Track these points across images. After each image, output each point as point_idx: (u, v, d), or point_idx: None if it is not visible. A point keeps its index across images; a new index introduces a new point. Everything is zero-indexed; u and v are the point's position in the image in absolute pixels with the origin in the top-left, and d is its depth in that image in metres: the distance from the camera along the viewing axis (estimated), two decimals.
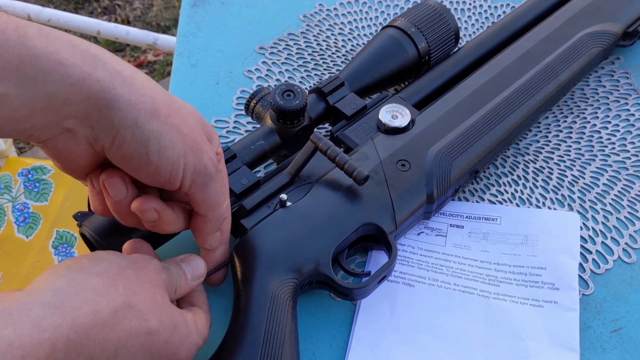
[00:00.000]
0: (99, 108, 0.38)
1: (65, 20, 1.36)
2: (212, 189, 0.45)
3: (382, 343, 0.52)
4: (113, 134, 0.39)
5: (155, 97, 0.40)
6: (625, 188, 0.63)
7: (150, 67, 1.98)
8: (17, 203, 1.02)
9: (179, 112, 0.42)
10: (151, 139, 0.40)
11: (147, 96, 0.40)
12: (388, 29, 0.64)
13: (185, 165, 0.42)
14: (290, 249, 0.51)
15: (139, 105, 0.39)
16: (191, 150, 0.42)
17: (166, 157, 0.41)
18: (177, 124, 0.41)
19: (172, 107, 0.42)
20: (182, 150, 0.41)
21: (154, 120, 0.40)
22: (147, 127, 0.40)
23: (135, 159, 0.41)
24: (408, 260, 0.57)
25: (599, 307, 0.55)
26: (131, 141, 0.40)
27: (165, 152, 0.41)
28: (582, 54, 0.65)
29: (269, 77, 0.72)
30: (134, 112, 0.39)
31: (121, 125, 0.39)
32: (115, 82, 0.39)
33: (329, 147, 0.52)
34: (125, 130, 0.39)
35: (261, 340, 0.46)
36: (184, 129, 0.42)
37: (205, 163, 0.43)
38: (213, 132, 0.47)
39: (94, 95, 0.38)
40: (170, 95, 0.43)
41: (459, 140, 0.58)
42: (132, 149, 0.40)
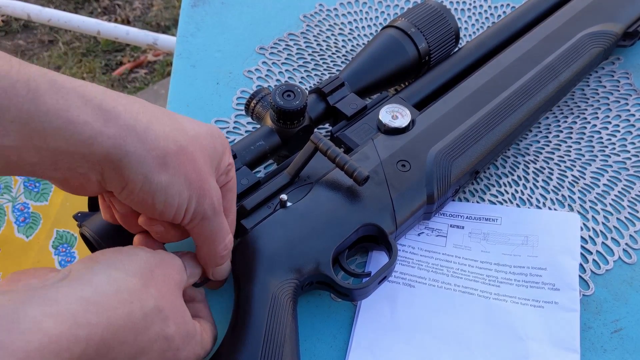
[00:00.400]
0: (109, 162, 0.39)
1: (65, 20, 1.36)
2: (208, 228, 0.45)
3: (382, 343, 0.52)
4: (122, 185, 0.40)
5: (167, 148, 0.40)
6: (626, 188, 0.63)
7: (150, 67, 1.98)
8: (17, 203, 1.02)
9: (191, 157, 0.42)
10: (158, 191, 0.41)
11: (159, 149, 0.40)
12: (388, 29, 0.64)
13: (187, 209, 0.43)
14: (290, 249, 0.51)
15: (149, 160, 0.39)
16: (195, 196, 0.43)
17: (171, 205, 0.42)
18: (187, 172, 0.42)
19: (184, 154, 0.42)
20: (187, 197, 0.42)
21: (162, 173, 0.40)
22: (156, 180, 0.40)
23: (141, 205, 0.42)
24: (408, 260, 0.57)
25: (600, 307, 0.55)
26: (139, 192, 0.40)
27: (170, 201, 0.41)
28: (582, 54, 0.65)
29: (269, 78, 0.72)
30: (144, 167, 0.39)
31: (130, 179, 0.39)
32: (127, 139, 0.39)
33: (329, 148, 0.52)
34: (134, 183, 0.40)
35: (261, 340, 0.46)
36: (192, 175, 0.42)
37: (205, 209, 0.44)
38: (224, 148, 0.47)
39: (104, 152, 0.38)
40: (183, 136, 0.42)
41: (459, 140, 0.58)
42: (139, 198, 0.41)
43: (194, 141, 0.43)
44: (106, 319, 0.36)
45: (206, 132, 0.45)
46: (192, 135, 0.43)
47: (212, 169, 0.45)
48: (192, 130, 0.44)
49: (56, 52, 1.98)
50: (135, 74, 1.96)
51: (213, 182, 0.44)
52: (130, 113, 0.40)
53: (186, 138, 0.42)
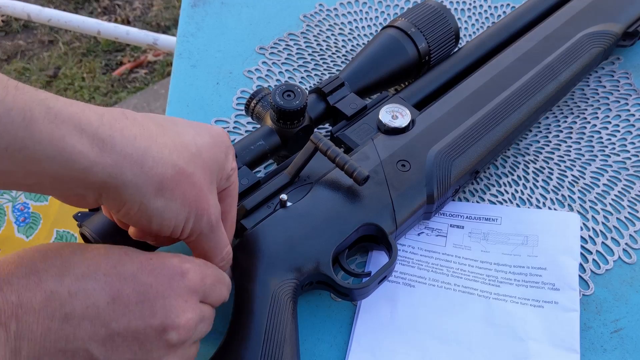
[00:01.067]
0: (106, 188, 0.39)
1: (66, 20, 1.36)
2: (205, 245, 0.45)
3: (382, 343, 0.52)
4: (119, 207, 0.40)
5: (164, 174, 0.40)
6: (626, 188, 0.63)
7: (150, 67, 1.98)
8: (17, 203, 1.02)
9: (189, 178, 0.42)
10: (155, 215, 0.40)
11: (156, 176, 0.40)
12: (388, 29, 0.64)
13: (184, 227, 0.43)
14: (290, 249, 0.51)
15: (146, 186, 0.39)
16: (193, 216, 0.42)
17: (167, 226, 0.42)
18: (184, 194, 0.41)
19: (182, 176, 0.41)
20: (184, 217, 0.42)
21: (159, 198, 0.40)
22: (152, 205, 0.40)
23: (138, 225, 0.42)
24: (408, 260, 0.57)
25: (600, 307, 0.55)
26: (136, 214, 0.40)
27: (167, 222, 0.41)
28: (582, 54, 0.65)
29: (269, 78, 0.72)
30: (140, 194, 0.39)
31: (127, 203, 0.39)
32: (124, 167, 0.38)
33: (329, 148, 0.52)
34: (131, 208, 0.40)
35: (262, 340, 0.46)
36: (190, 196, 0.42)
37: (202, 227, 0.43)
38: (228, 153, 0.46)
39: (100, 180, 0.38)
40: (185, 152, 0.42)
41: (459, 140, 0.58)
42: (135, 219, 0.41)
43: (195, 158, 0.42)
44: None
45: (208, 144, 0.44)
46: (193, 152, 0.42)
47: (212, 184, 0.44)
48: (193, 146, 0.43)
49: (56, 52, 1.98)
50: (135, 74, 1.96)
51: (212, 199, 0.44)
52: (128, 139, 0.39)
53: (186, 157, 0.42)
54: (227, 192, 0.48)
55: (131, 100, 1.87)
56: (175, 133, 0.43)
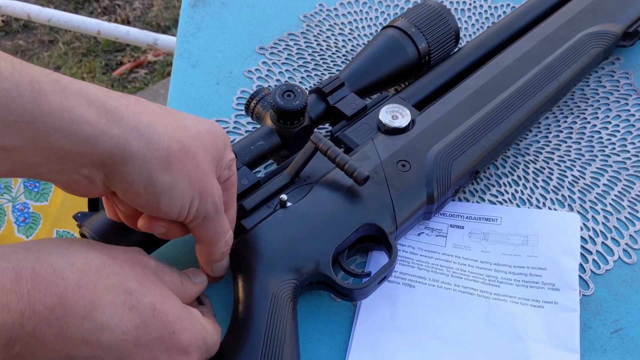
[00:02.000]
0: (113, 162, 0.39)
1: (65, 20, 1.36)
2: (211, 228, 0.46)
3: (382, 344, 0.52)
4: (127, 185, 0.40)
5: (170, 148, 0.40)
6: (626, 188, 0.63)
7: (150, 67, 1.98)
8: (17, 203, 1.02)
9: (194, 157, 0.42)
10: (163, 192, 0.41)
11: (162, 149, 0.40)
12: (388, 29, 0.64)
13: (190, 209, 0.43)
14: (290, 249, 0.51)
15: (153, 160, 0.39)
16: (198, 196, 0.43)
17: (175, 205, 0.42)
18: (189, 172, 0.42)
19: (187, 154, 0.42)
20: (190, 197, 0.42)
21: (167, 174, 0.40)
22: (160, 180, 0.40)
23: (146, 206, 0.42)
24: (408, 260, 0.57)
25: (600, 307, 0.55)
26: (144, 193, 0.40)
27: (175, 202, 0.42)
28: (582, 55, 0.65)
29: (269, 78, 0.72)
30: (148, 167, 0.39)
31: (135, 180, 0.39)
32: (130, 139, 0.38)
33: (329, 148, 0.52)
34: (139, 184, 0.40)
35: (262, 340, 0.46)
36: (195, 175, 0.42)
37: (207, 208, 0.44)
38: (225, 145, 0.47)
39: (107, 152, 0.38)
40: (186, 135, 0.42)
41: (459, 140, 0.58)
42: (144, 199, 0.41)
43: (196, 140, 0.43)
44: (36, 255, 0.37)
45: (207, 130, 0.45)
46: (194, 134, 0.43)
47: (214, 168, 0.45)
48: (194, 129, 0.44)
49: (56, 52, 1.98)
50: (135, 74, 1.96)
51: (214, 181, 0.45)
52: (133, 113, 0.40)
53: (188, 137, 0.42)
54: (229, 181, 0.48)
55: None
56: (177, 117, 0.43)
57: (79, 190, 0.41)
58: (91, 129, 0.37)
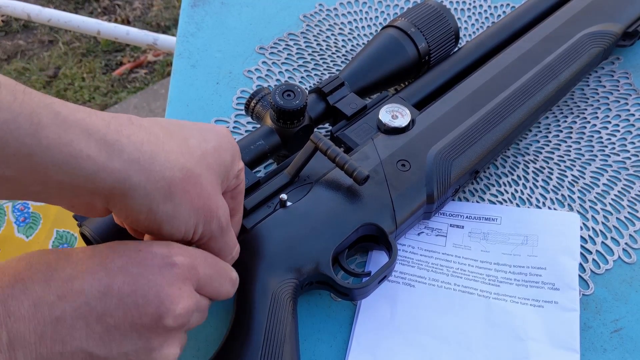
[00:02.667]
0: (112, 195, 0.38)
1: (65, 20, 1.36)
2: (217, 245, 0.45)
3: (382, 343, 0.52)
4: (127, 214, 0.40)
5: (173, 178, 0.40)
6: (625, 188, 0.63)
7: (150, 67, 1.98)
8: (17, 203, 1.02)
9: (197, 181, 0.41)
10: (164, 221, 0.40)
11: (164, 180, 0.39)
12: (388, 29, 0.64)
13: (194, 233, 0.43)
14: (290, 249, 0.51)
15: (154, 192, 0.39)
16: (202, 220, 0.42)
17: (178, 231, 0.41)
18: (192, 199, 0.41)
19: (190, 180, 0.41)
20: (194, 223, 0.42)
21: (168, 203, 0.40)
22: (162, 210, 0.40)
23: (148, 232, 0.42)
24: (408, 260, 0.57)
25: (599, 307, 0.55)
26: (145, 221, 0.40)
27: (177, 229, 0.41)
28: (582, 54, 0.65)
29: (269, 77, 0.72)
30: (149, 199, 0.39)
31: (135, 210, 0.39)
32: (132, 172, 0.38)
33: (329, 147, 0.52)
34: (139, 213, 0.39)
35: (262, 339, 0.46)
36: (199, 201, 0.42)
37: (212, 229, 0.43)
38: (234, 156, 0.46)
39: (108, 186, 0.38)
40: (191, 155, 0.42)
41: (459, 140, 0.58)
42: (144, 226, 0.41)
43: (201, 161, 0.42)
44: None
45: (214, 148, 0.44)
46: (199, 155, 0.42)
47: (219, 186, 0.44)
48: (198, 149, 0.43)
49: (56, 52, 1.98)
50: (135, 74, 1.96)
51: (219, 201, 0.44)
52: (135, 144, 0.39)
53: (192, 160, 0.42)
54: (238, 189, 0.48)
55: (131, 100, 1.87)
56: (182, 138, 0.42)
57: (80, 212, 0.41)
58: (91, 164, 0.37)
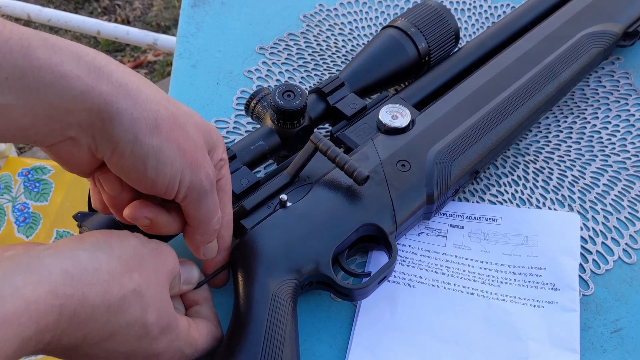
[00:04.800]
0: (101, 120, 0.38)
1: (65, 20, 1.36)
2: (205, 205, 0.45)
3: (382, 343, 0.52)
4: (113, 146, 0.39)
5: (158, 112, 0.40)
6: (626, 188, 0.63)
7: (150, 67, 1.98)
8: (17, 203, 1.02)
9: (183, 127, 0.42)
10: (150, 155, 0.40)
11: (150, 111, 0.40)
12: (388, 29, 0.64)
13: (181, 181, 0.42)
14: (290, 249, 0.51)
15: (141, 120, 0.39)
16: (189, 167, 0.42)
17: (163, 173, 0.41)
18: (179, 140, 0.41)
19: (176, 122, 0.41)
20: (180, 167, 0.41)
21: (154, 136, 0.40)
22: (147, 142, 0.40)
23: (133, 172, 0.41)
24: (408, 260, 0.57)
25: (599, 307, 0.55)
26: (130, 155, 0.40)
27: (162, 168, 0.41)
28: (582, 54, 0.65)
29: (269, 78, 0.72)
30: (135, 127, 0.39)
31: (121, 139, 0.39)
32: (119, 96, 0.38)
33: (329, 148, 0.52)
34: (125, 144, 0.39)
35: (262, 340, 0.46)
36: (185, 145, 0.42)
37: (201, 180, 0.43)
38: (218, 140, 0.47)
39: (96, 108, 0.38)
40: (176, 107, 0.42)
41: (459, 140, 0.58)
42: (130, 162, 0.40)
43: (187, 115, 0.43)
44: (82, 294, 0.37)
45: (199, 117, 0.45)
46: (184, 110, 0.43)
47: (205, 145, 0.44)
48: (185, 107, 0.44)
49: None
50: None
51: (207, 156, 0.44)
52: (122, 73, 0.39)
53: (178, 110, 0.42)
54: (219, 185, 0.47)
55: None
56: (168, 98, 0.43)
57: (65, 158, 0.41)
58: (80, 84, 0.37)
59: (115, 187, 0.44)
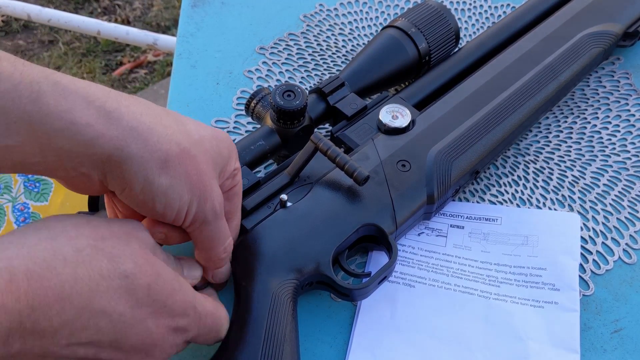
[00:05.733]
0: (111, 163, 0.39)
1: (66, 20, 1.36)
2: (208, 233, 0.45)
3: (382, 343, 0.52)
4: (123, 186, 0.40)
5: (169, 151, 0.41)
6: (626, 188, 0.63)
7: (150, 67, 1.98)
8: (17, 203, 1.02)
9: (194, 159, 0.42)
10: (159, 194, 0.41)
11: (161, 152, 0.40)
12: (388, 29, 0.64)
13: (188, 211, 0.43)
14: (290, 249, 0.51)
15: (150, 162, 0.40)
16: (197, 199, 0.43)
17: (171, 207, 0.42)
18: (188, 173, 0.42)
19: (187, 156, 0.42)
20: (188, 200, 0.42)
21: (163, 175, 0.40)
22: (157, 182, 0.40)
23: (142, 206, 0.42)
24: (408, 260, 0.57)
25: (600, 307, 0.55)
26: (140, 194, 0.40)
27: (171, 203, 0.42)
28: (582, 55, 0.65)
29: (269, 78, 0.72)
30: (146, 168, 0.40)
31: (131, 181, 0.40)
32: (129, 140, 0.39)
33: (329, 148, 0.52)
34: (135, 184, 0.40)
35: (261, 340, 0.46)
36: (194, 177, 0.42)
37: (205, 212, 0.44)
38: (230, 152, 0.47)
39: (107, 153, 0.38)
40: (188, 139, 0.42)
41: (459, 140, 0.58)
42: (140, 199, 0.41)
43: (198, 144, 0.43)
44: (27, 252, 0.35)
45: (211, 136, 0.45)
46: (195, 139, 0.43)
47: (216, 173, 0.45)
48: (196, 134, 0.44)
49: (56, 52, 1.98)
50: (135, 74, 1.96)
51: (215, 186, 0.44)
52: (133, 114, 0.40)
53: (189, 141, 0.43)
54: (233, 191, 0.48)
55: None
56: (180, 121, 0.43)
57: (76, 187, 0.42)
58: (90, 131, 0.37)
59: (128, 210, 0.45)
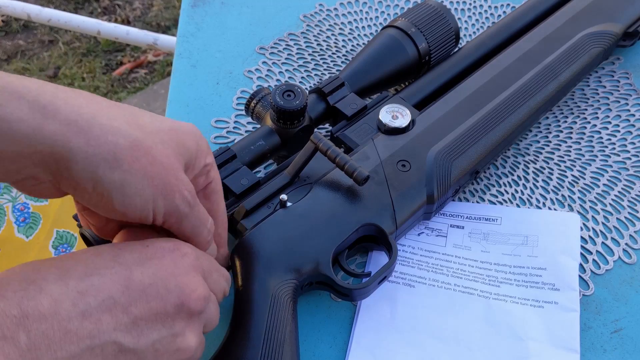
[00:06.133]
0: (54, 160, 0.36)
1: (65, 20, 1.36)
2: (187, 224, 0.43)
3: (382, 343, 0.52)
4: (74, 185, 0.38)
5: (117, 144, 0.37)
6: (626, 188, 0.63)
7: (150, 67, 1.98)
8: (17, 203, 1.02)
9: (149, 151, 0.39)
10: (113, 190, 0.38)
11: (107, 144, 0.37)
12: (388, 29, 0.64)
13: (155, 208, 0.40)
14: (290, 249, 0.51)
15: (97, 156, 0.37)
16: (161, 193, 0.40)
17: (132, 205, 0.39)
18: (145, 168, 0.38)
19: (140, 149, 0.39)
20: (150, 195, 0.39)
21: (115, 171, 0.37)
22: (108, 178, 0.37)
23: (101, 206, 0.39)
24: (408, 260, 0.57)
25: (599, 307, 0.55)
26: (93, 192, 0.38)
27: (130, 201, 0.39)
28: (582, 55, 0.65)
29: (269, 78, 0.72)
30: (92, 164, 0.37)
31: (80, 178, 0.37)
32: (69, 134, 0.36)
33: (329, 148, 0.52)
34: (85, 182, 0.37)
35: (261, 340, 0.46)
36: (153, 171, 0.39)
37: (177, 205, 0.41)
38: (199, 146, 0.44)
39: (47, 150, 0.36)
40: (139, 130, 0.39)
41: (459, 140, 0.58)
42: (95, 199, 0.38)
43: (152, 135, 0.40)
44: None
45: (169, 128, 0.42)
46: (149, 130, 0.40)
47: (180, 164, 0.42)
48: (150, 125, 0.40)
49: (56, 52, 1.98)
50: (135, 74, 1.96)
51: (181, 175, 0.41)
52: (72, 107, 0.37)
53: (142, 132, 0.39)
54: (210, 188, 0.46)
55: (131, 100, 1.87)
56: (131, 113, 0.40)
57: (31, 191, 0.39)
58: (24, 127, 0.35)
59: (100, 219, 0.43)
